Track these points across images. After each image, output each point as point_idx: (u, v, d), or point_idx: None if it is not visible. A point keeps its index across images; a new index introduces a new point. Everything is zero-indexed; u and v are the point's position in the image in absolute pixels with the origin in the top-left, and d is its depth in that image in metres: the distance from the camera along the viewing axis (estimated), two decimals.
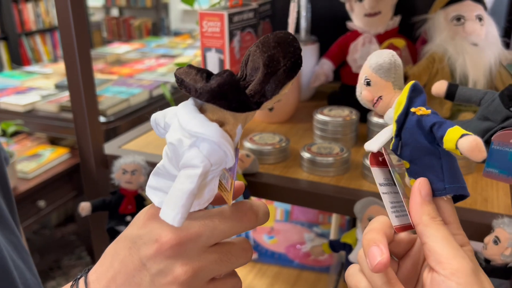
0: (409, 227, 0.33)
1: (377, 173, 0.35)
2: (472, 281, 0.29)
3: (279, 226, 1.08)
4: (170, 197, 0.30)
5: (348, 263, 0.61)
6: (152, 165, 0.68)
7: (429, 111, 0.32)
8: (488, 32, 0.78)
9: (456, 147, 0.29)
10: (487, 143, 0.46)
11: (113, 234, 0.68)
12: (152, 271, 0.33)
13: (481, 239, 0.51)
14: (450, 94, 0.47)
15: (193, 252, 0.32)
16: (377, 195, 0.58)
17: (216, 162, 0.30)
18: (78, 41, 0.65)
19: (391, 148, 0.34)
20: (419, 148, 0.32)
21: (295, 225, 1.06)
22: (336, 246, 0.63)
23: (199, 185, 0.30)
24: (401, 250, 0.36)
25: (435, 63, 0.80)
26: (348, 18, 0.89)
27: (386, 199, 0.34)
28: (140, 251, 0.33)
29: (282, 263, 1.07)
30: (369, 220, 0.56)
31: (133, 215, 0.68)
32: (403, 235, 0.35)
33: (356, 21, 0.88)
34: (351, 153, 0.69)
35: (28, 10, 3.95)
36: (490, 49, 0.77)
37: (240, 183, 0.37)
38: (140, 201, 0.68)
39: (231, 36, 0.86)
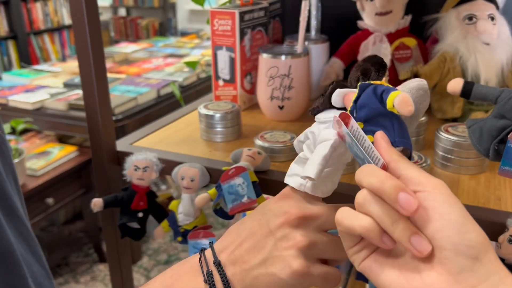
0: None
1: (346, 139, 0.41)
2: (451, 193, 0.33)
3: None
4: (309, 162, 0.40)
5: None
6: (164, 161, 0.68)
7: (383, 82, 0.40)
8: (500, 31, 0.78)
9: (393, 105, 0.36)
10: (503, 141, 0.46)
11: (125, 230, 0.69)
12: (277, 236, 0.40)
13: (495, 238, 0.51)
14: (466, 92, 0.47)
15: (312, 228, 0.40)
16: None
17: (340, 143, 0.40)
18: (92, 39, 0.66)
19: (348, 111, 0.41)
20: (374, 110, 0.38)
21: None
22: None
23: (331, 152, 0.39)
24: None
25: (447, 63, 0.79)
26: (358, 17, 0.89)
27: (359, 160, 0.40)
28: (269, 221, 0.41)
29: None
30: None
31: (144, 211, 0.68)
32: None
33: (367, 20, 0.87)
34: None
35: (37, 10, 3.97)
36: (502, 48, 0.77)
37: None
38: (152, 197, 0.69)
39: (242, 34, 0.86)
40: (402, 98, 0.35)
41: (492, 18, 0.78)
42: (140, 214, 0.68)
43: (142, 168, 0.66)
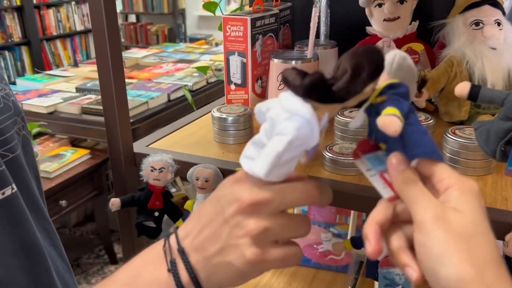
0: (396, 197, 0.39)
1: (360, 164, 0.40)
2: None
3: None
4: (261, 155, 0.38)
5: (369, 259, 0.63)
6: (179, 163, 0.70)
7: (385, 98, 0.38)
8: (507, 36, 0.80)
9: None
10: (509, 143, 0.47)
11: (141, 229, 0.71)
12: (231, 224, 0.39)
13: (502, 238, 0.52)
14: (473, 94, 0.49)
15: (266, 213, 0.39)
16: None
17: (302, 136, 0.37)
18: (110, 44, 0.69)
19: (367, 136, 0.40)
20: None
21: (312, 225, 1.08)
22: (358, 242, 0.64)
23: (286, 150, 0.37)
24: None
25: (454, 67, 0.81)
26: (366, 23, 0.91)
27: (373, 181, 0.40)
28: (223, 208, 0.40)
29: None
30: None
31: (160, 210, 0.70)
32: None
33: (375, 26, 0.90)
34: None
35: (50, 16, 4.04)
36: (509, 53, 0.78)
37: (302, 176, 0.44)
38: (167, 197, 0.71)
39: (253, 40, 0.88)
40: (382, 123, 0.35)
41: (499, 24, 0.80)
42: (156, 214, 0.70)
43: (158, 169, 0.69)
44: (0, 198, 0.48)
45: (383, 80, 0.39)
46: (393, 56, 0.40)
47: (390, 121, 0.35)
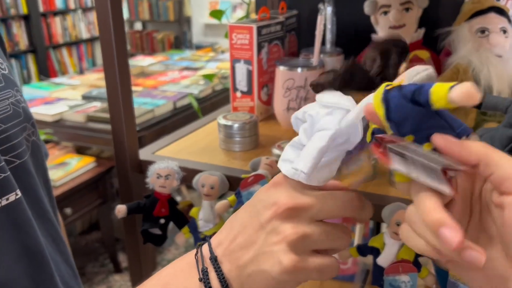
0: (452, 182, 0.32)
1: (396, 164, 0.33)
2: None
3: None
4: (303, 152, 0.36)
5: (376, 266, 0.62)
6: (185, 170, 0.70)
7: (401, 81, 0.35)
8: None
9: (449, 101, 0.30)
10: None
11: (147, 236, 0.71)
12: (267, 230, 0.37)
13: None
14: None
15: (303, 220, 0.37)
16: (403, 201, 0.60)
17: (345, 131, 0.35)
18: (118, 51, 0.69)
19: (388, 134, 0.34)
20: (417, 118, 0.32)
21: None
22: (364, 250, 0.64)
23: (329, 145, 0.35)
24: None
25: (460, 74, 0.81)
26: (372, 30, 0.92)
27: (422, 178, 0.32)
28: (259, 213, 0.38)
29: None
30: (397, 224, 0.57)
31: (166, 217, 0.70)
32: None
33: (381, 33, 0.90)
34: (378, 160, 0.71)
35: (56, 24, 4.08)
36: None
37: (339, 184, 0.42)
38: (173, 204, 0.71)
39: (259, 48, 0.89)
40: (465, 90, 0.29)
41: (504, 31, 0.80)
42: (162, 221, 0.70)
43: (164, 176, 0.69)
44: (4, 204, 0.48)
45: (399, 79, 0.37)
46: (423, 69, 0.38)
47: (472, 90, 0.29)
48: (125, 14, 4.94)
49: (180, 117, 2.12)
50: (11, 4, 3.63)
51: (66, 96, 2.29)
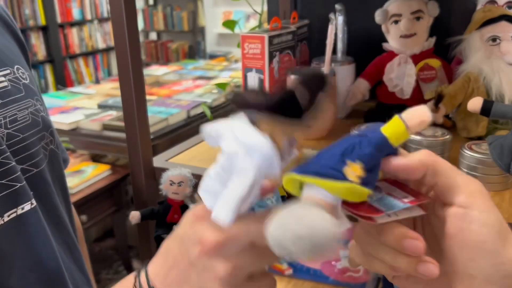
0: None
1: (381, 219, 0.33)
2: (491, 203, 0.31)
3: None
4: (223, 200, 0.34)
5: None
6: (197, 177, 0.72)
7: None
8: None
9: (407, 128, 0.31)
10: None
11: (160, 241, 0.72)
12: (199, 268, 0.37)
13: None
14: (486, 110, 0.50)
15: (232, 251, 0.36)
16: None
17: (263, 173, 0.34)
18: (132, 61, 0.71)
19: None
20: (375, 164, 0.33)
21: None
22: None
23: (249, 192, 0.34)
24: None
25: (471, 82, 0.81)
26: (383, 39, 0.93)
27: (402, 213, 0.33)
28: (188, 250, 0.37)
29: (317, 279, 1.08)
30: None
31: None
32: None
33: (392, 42, 0.91)
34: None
35: (73, 35, 4.16)
36: None
37: (272, 184, 0.40)
38: (186, 211, 0.72)
39: (271, 57, 0.90)
40: (420, 111, 0.31)
41: None
42: (175, 227, 0.71)
43: (177, 183, 0.70)
44: (19, 213, 0.49)
45: None
46: None
47: (423, 111, 0.31)
48: (140, 25, 5.02)
49: (194, 126, 2.14)
50: (30, 16, 3.72)
51: (83, 105, 2.33)
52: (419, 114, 0.31)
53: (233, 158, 0.34)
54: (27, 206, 0.50)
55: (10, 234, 0.49)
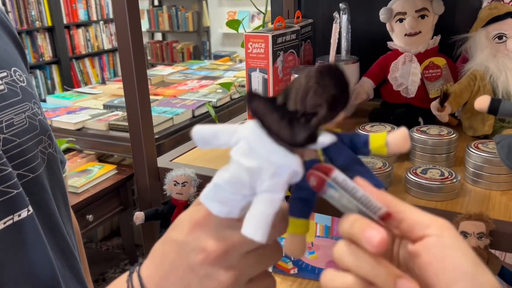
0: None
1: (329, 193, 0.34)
2: (458, 235, 0.32)
3: (319, 241, 1.09)
4: (254, 218, 0.33)
5: None
6: (201, 177, 0.72)
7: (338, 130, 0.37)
8: None
9: (386, 144, 0.34)
10: None
11: None
12: (200, 275, 0.36)
13: None
14: (493, 108, 0.49)
15: (235, 259, 0.36)
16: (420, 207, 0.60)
17: (289, 184, 0.35)
18: (136, 61, 0.71)
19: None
20: (350, 158, 0.36)
21: (335, 241, 1.08)
22: None
23: (278, 208, 0.34)
24: None
25: (477, 81, 0.81)
26: (387, 38, 0.92)
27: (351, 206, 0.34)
28: (188, 257, 0.36)
29: None
30: None
31: None
32: None
33: (397, 41, 0.90)
34: (393, 167, 0.71)
35: (79, 36, 4.18)
36: None
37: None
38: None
39: (275, 56, 0.90)
40: (401, 135, 0.34)
41: None
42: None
43: (181, 183, 0.70)
44: (16, 220, 0.48)
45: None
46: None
47: (407, 135, 0.34)
48: (146, 25, 5.04)
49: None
50: (36, 17, 3.74)
51: (89, 105, 2.34)
52: (401, 138, 0.34)
53: (257, 173, 0.34)
54: (23, 213, 0.49)
55: (5, 241, 0.48)
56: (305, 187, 0.35)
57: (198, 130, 0.37)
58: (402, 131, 0.34)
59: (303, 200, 0.38)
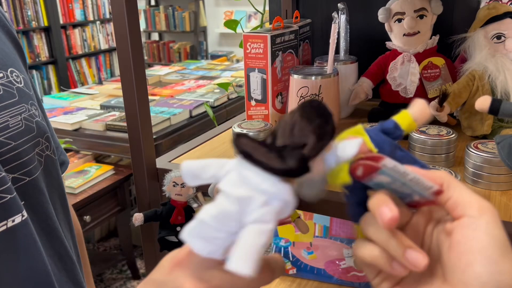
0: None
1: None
2: (498, 220, 0.32)
3: (318, 242, 1.09)
4: (241, 251, 0.32)
5: None
6: None
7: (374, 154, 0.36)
8: None
9: (414, 120, 0.37)
10: None
11: (164, 243, 0.72)
12: None
13: None
14: (494, 109, 0.49)
15: None
16: None
17: (282, 217, 0.34)
18: (134, 61, 0.71)
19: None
20: (389, 145, 0.38)
21: (334, 241, 1.07)
22: None
23: (269, 239, 0.33)
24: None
25: (475, 81, 0.81)
26: (385, 38, 0.92)
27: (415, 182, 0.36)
28: None
29: (321, 278, 1.08)
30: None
31: (182, 225, 0.71)
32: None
33: (395, 41, 0.90)
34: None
35: (76, 36, 4.16)
36: None
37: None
38: (189, 212, 0.72)
39: (273, 56, 0.90)
40: (421, 106, 0.36)
41: None
42: (179, 228, 0.71)
43: (180, 184, 0.70)
44: (9, 225, 0.47)
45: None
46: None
47: (424, 104, 0.36)
48: (143, 25, 5.03)
49: (196, 125, 2.14)
50: (32, 17, 3.72)
51: (85, 105, 2.33)
52: (420, 107, 0.36)
53: (246, 203, 0.33)
54: (17, 219, 0.48)
55: None
56: (356, 186, 0.36)
57: (187, 166, 0.35)
58: (419, 102, 0.36)
59: (359, 205, 0.38)
